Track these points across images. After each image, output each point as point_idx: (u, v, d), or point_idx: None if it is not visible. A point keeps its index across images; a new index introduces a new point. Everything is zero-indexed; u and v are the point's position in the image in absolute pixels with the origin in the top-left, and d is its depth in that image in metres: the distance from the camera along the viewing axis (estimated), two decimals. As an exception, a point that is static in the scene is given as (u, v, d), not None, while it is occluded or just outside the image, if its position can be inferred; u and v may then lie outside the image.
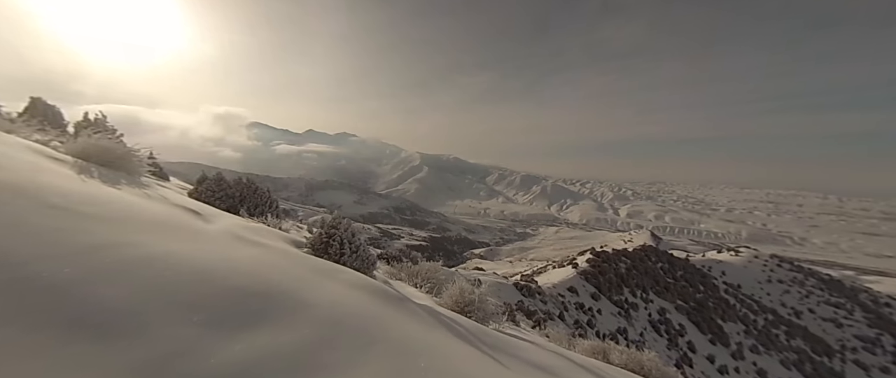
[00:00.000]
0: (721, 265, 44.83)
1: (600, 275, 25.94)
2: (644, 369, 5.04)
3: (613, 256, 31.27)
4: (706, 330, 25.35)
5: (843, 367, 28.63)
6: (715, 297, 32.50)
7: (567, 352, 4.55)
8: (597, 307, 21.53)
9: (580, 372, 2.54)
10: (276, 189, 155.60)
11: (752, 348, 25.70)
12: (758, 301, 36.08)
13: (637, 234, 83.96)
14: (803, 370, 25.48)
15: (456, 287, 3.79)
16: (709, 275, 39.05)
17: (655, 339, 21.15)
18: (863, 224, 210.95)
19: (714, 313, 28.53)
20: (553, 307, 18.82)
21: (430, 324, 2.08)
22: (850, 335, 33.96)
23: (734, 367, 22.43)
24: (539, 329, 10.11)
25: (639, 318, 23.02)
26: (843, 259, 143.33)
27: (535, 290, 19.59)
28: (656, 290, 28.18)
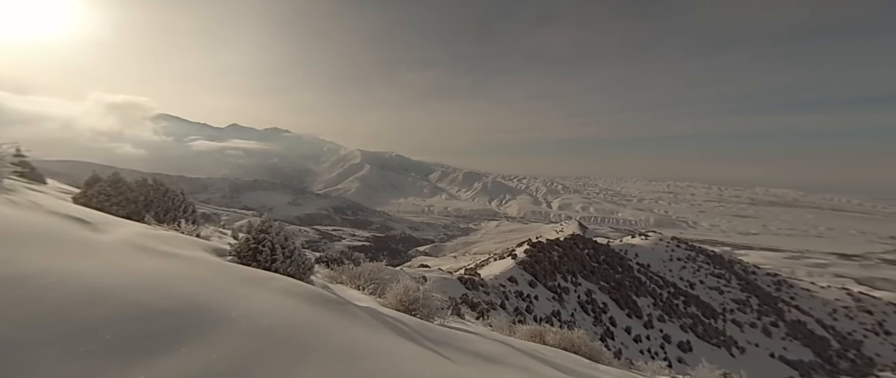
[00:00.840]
0: (634, 248, 51.24)
1: (536, 264, 27.87)
2: (574, 346, 5.55)
3: (547, 246, 33.81)
4: (624, 305, 28.83)
5: (725, 325, 34.91)
6: (630, 276, 37.11)
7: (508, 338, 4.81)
8: (534, 294, 23.13)
9: (519, 356, 2.71)
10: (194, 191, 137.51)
11: (660, 318, 29.95)
12: (663, 277, 42.09)
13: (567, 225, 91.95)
14: (697, 331, 30.47)
15: (400, 286, 3.76)
16: (625, 257, 44.39)
17: (584, 318, 23.45)
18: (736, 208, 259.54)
19: (630, 290, 32.56)
20: (495, 297, 19.75)
21: (372, 326, 2.03)
22: (728, 299, 41.50)
23: (646, 336, 25.93)
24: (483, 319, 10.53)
25: (570, 301, 25.29)
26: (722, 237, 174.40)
27: (478, 282, 20.33)
28: (584, 274, 31.20)
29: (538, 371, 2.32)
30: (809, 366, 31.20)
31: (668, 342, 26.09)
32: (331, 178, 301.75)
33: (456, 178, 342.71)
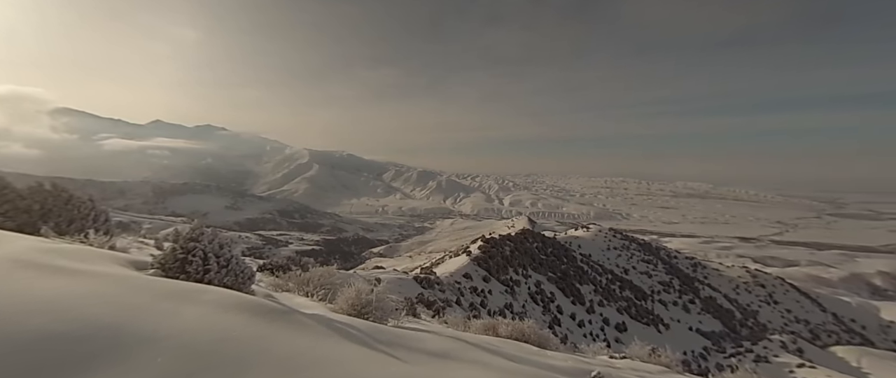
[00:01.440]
0: (577, 240, 55.16)
1: (490, 259, 28.77)
2: (525, 336, 5.84)
3: (500, 241, 35.06)
4: (569, 294, 30.96)
5: (653, 305, 39.13)
6: (574, 266, 39.93)
7: (462, 334, 4.91)
8: (488, 288, 23.86)
9: (472, 350, 2.78)
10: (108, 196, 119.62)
11: (600, 303, 32.67)
12: (602, 265, 45.93)
13: (518, 220, 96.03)
14: (630, 313, 33.77)
15: (352, 290, 3.64)
16: (570, 249, 47.63)
17: (534, 308, 24.74)
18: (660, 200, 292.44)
19: (574, 279, 35.04)
20: (451, 294, 20.02)
21: (320, 334, 1.94)
22: (655, 282, 46.54)
23: (588, 320, 28.13)
24: (438, 317, 10.61)
25: (521, 293, 26.51)
26: (650, 227, 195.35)
27: (433, 280, 20.44)
28: (533, 267, 32.89)
29: (489, 363, 2.40)
30: (719, 335, 36.22)
31: (607, 324, 28.56)
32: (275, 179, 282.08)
33: (410, 178, 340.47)
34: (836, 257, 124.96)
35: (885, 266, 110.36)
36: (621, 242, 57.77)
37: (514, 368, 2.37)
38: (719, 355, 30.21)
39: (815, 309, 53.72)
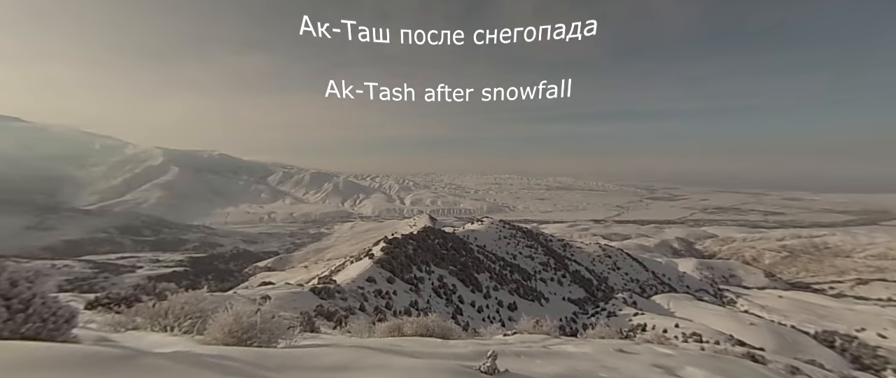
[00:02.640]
0: (474, 233, 59.62)
1: (393, 259, 28.58)
2: (429, 330, 6.00)
3: (402, 241, 35.18)
4: (469, 283, 33.25)
5: (536, 283, 45.34)
6: (472, 257, 43.08)
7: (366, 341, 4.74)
8: (393, 289, 23.66)
9: (375, 355, 2.71)
10: None
11: (494, 288, 36.09)
12: (495, 254, 50.81)
13: (419, 219, 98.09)
14: (519, 293, 38.38)
15: (229, 315, 3.09)
16: (468, 241, 51.13)
17: (438, 302, 25.70)
18: (538, 193, 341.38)
19: (472, 270, 37.79)
20: (354, 301, 19.11)
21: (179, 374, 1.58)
22: (537, 263, 53.98)
23: (486, 305, 30.78)
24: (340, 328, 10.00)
25: (425, 289, 27.18)
26: (531, 216, 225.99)
27: (334, 289, 19.15)
28: (436, 262, 34.12)
29: (391, 365, 2.38)
30: (583, 301, 44.38)
31: (502, 306, 31.79)
32: (111, 186, 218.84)
33: (302, 180, 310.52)
34: (651, 230, 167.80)
35: (679, 233, 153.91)
36: (510, 232, 64.91)
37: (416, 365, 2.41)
38: (584, 316, 37.05)
39: (642, 270, 70.96)
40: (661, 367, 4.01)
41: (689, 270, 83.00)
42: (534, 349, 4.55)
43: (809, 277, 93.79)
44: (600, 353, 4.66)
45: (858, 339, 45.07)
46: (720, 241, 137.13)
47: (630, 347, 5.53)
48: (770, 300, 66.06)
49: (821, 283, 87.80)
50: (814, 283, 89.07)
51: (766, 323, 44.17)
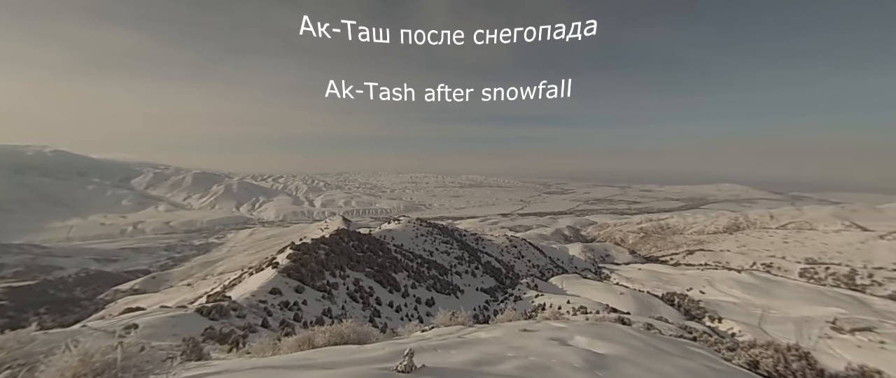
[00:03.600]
0: (391, 232, 58.92)
1: (302, 267, 26.28)
2: (344, 337, 5.72)
3: (313, 246, 32.63)
4: (386, 284, 32.72)
5: (452, 277, 47.22)
6: (389, 257, 42.51)
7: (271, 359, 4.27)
8: (302, 299, 21.76)
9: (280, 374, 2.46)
10: None
11: (412, 286, 36.31)
12: (412, 252, 51.12)
13: (332, 221, 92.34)
14: (437, 288, 39.42)
15: (72, 356, 2.41)
16: (384, 242, 50.25)
17: (354, 307, 24.63)
18: (452, 191, 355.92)
19: (390, 270, 37.30)
20: (255, 317, 16.94)
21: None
22: (453, 258, 56.24)
23: (404, 304, 30.74)
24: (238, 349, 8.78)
25: (339, 295, 25.75)
26: (446, 213, 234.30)
27: (228, 307, 16.65)
28: (351, 265, 32.62)
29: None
30: (494, 289, 48.03)
31: (420, 303, 32.20)
32: None
33: (182, 182, 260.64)
34: (547, 220, 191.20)
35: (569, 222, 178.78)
36: (426, 229, 66.09)
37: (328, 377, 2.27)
38: (495, 303, 40.11)
39: (542, 256, 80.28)
40: (556, 340, 4.62)
41: (577, 253, 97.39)
42: (450, 341, 4.74)
43: (657, 252, 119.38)
44: (508, 335, 5.13)
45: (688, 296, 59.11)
46: (599, 227, 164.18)
47: (532, 326, 6.21)
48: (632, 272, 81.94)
49: (664, 256, 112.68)
50: (660, 256, 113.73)
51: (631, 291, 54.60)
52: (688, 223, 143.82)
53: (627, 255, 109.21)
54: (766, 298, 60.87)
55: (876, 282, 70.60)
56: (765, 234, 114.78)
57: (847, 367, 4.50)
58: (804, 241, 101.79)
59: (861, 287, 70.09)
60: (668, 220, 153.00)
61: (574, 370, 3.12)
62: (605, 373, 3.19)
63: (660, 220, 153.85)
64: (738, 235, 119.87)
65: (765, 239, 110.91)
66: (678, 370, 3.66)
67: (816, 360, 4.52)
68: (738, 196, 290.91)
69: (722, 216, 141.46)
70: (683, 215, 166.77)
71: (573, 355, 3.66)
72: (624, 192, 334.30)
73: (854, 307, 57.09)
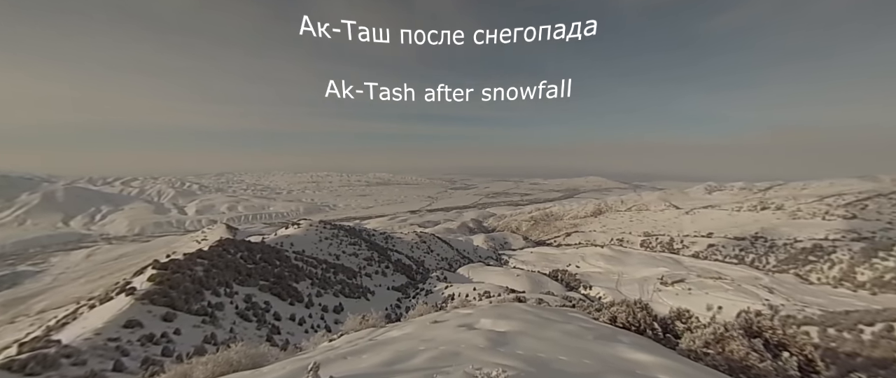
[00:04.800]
0: (290, 238, 53.44)
1: (172, 289, 21.70)
2: (233, 365, 4.96)
3: (186, 262, 27.26)
4: (286, 296, 29.58)
5: (362, 279, 45.56)
6: (289, 266, 38.51)
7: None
8: (173, 329, 17.96)
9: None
10: None
11: (317, 294, 33.71)
12: (316, 257, 47.41)
13: (212, 230, 78.54)
14: (345, 293, 37.48)
15: None
16: (282, 249, 45.29)
17: (245, 327, 21.54)
18: (359, 189, 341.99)
19: (290, 280, 33.84)
20: (102, 362, 13.22)
21: None
22: (361, 259, 54.28)
23: (309, 315, 28.31)
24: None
25: (226, 316, 22.18)
26: (353, 213, 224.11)
27: (57, 355, 12.59)
28: (239, 280, 28.40)
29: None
30: (406, 286, 48.26)
31: (326, 311, 30.14)
32: None
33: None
34: (454, 215, 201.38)
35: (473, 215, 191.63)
36: (331, 232, 62.12)
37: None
38: (407, 300, 40.36)
39: (449, 249, 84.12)
40: (464, 326, 4.92)
41: (481, 243, 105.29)
42: (360, 345, 4.59)
43: (544, 236, 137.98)
44: (419, 329, 5.23)
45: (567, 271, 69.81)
46: (498, 218, 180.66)
47: (442, 317, 6.48)
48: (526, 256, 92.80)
49: (550, 239, 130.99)
50: (547, 239, 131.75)
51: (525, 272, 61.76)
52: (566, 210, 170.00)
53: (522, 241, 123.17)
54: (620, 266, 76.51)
55: (685, 246, 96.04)
56: (618, 216, 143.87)
57: (669, 311, 6.02)
58: (642, 219, 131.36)
59: (677, 250, 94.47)
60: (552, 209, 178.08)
61: (480, 351, 3.38)
62: (506, 348, 3.55)
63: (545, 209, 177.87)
64: (601, 218, 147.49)
65: (618, 219, 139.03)
66: (561, 334, 4.32)
67: (652, 309, 5.92)
68: (600, 186, 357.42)
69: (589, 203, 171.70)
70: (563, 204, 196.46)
71: (479, 337, 3.96)
72: (517, 186, 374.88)
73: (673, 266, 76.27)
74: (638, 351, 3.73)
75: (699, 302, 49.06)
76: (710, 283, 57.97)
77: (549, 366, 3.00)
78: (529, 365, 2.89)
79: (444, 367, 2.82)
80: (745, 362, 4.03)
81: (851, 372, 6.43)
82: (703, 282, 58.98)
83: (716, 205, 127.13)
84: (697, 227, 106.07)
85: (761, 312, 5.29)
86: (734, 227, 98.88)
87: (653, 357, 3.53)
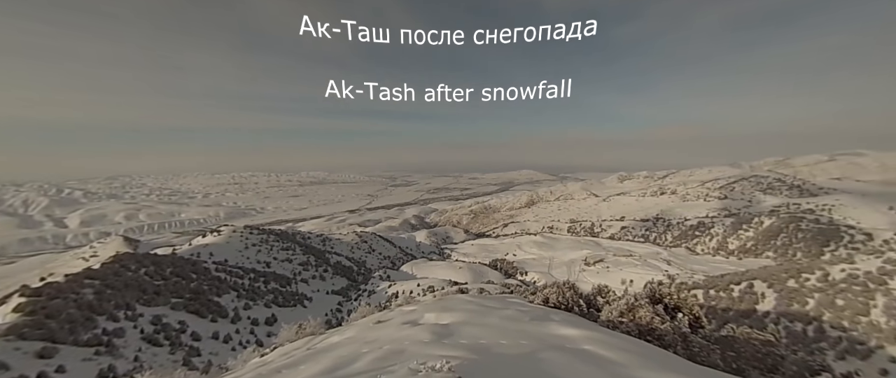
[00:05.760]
0: (208, 248, 47.56)
1: (50, 318, 17.81)
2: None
3: (69, 285, 22.58)
4: (206, 313, 26.31)
5: (297, 286, 42.54)
6: (208, 279, 34.24)
7: None
8: (54, 366, 14.75)
9: None
10: None
11: (245, 306, 30.62)
12: (242, 267, 42.94)
13: (105, 245, 66.21)
14: (278, 302, 34.65)
15: None
16: (199, 261, 40.09)
17: (155, 353, 18.67)
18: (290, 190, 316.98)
19: (210, 294, 30.15)
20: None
21: None
22: (296, 265, 50.65)
23: (235, 331, 25.58)
24: None
25: (128, 343, 18.95)
26: (284, 216, 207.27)
27: None
28: (144, 300, 24.45)
29: None
30: (347, 289, 46.39)
31: (257, 324, 27.57)
32: None
33: None
34: (395, 212, 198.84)
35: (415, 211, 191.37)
36: (259, 237, 56.85)
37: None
38: (349, 303, 38.85)
39: (392, 247, 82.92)
40: (408, 323, 4.90)
41: (423, 239, 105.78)
42: (297, 356, 4.29)
43: (484, 228, 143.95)
44: (362, 332, 5.07)
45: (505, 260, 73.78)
46: (439, 213, 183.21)
47: (386, 316, 6.37)
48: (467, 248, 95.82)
49: (489, 231, 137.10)
50: (486, 231, 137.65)
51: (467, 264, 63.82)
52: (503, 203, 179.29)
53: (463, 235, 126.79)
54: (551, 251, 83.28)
55: (603, 229, 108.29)
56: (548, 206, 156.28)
57: (592, 288, 6.75)
58: (569, 207, 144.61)
59: (597, 234, 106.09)
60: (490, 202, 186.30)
61: (424, 345, 3.40)
62: (450, 339, 3.63)
63: (484, 203, 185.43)
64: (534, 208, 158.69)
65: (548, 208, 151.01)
66: (501, 319, 4.57)
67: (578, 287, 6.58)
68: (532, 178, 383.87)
69: (523, 195, 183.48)
70: (500, 196, 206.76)
71: (423, 332, 3.99)
72: (457, 181, 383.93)
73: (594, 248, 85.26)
74: (567, 326, 4.11)
75: (616, 278, 55.91)
76: (623, 261, 66.42)
77: (491, 351, 3.15)
78: (472, 353, 2.99)
79: (389, 366, 2.78)
80: (651, 325, 4.71)
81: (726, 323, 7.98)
82: (618, 260, 67.30)
83: (626, 192, 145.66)
84: (613, 212, 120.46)
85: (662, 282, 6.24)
86: (640, 211, 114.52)
87: (579, 331, 3.92)
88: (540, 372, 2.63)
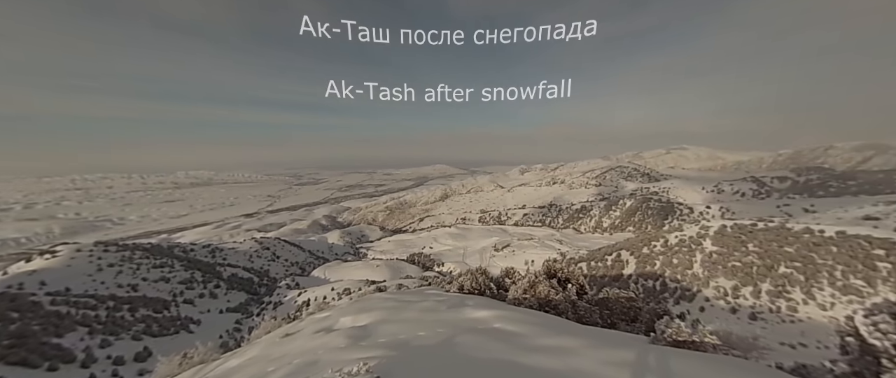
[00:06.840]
0: (37, 275, 36.31)
1: None
2: None
3: None
4: (40, 361, 20.05)
5: (179, 309, 35.64)
6: (41, 315, 26.12)
7: None
8: None
9: None
10: None
11: (102, 343, 24.34)
12: (94, 295, 33.94)
13: None
14: (152, 332, 28.49)
15: None
16: (22, 293, 30.31)
17: (-51, 430, 13.45)
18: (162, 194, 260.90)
19: (44, 336, 23.09)
20: None
21: None
22: (176, 283, 42.39)
23: (90, 375, 20.16)
24: None
25: None
26: (156, 226, 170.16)
27: None
28: (-76, 360, 17.32)
29: None
30: (246, 304, 40.90)
31: (122, 363, 22.25)
32: None
33: None
34: (302, 213, 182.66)
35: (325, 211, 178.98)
36: (118, 255, 45.86)
37: None
38: (249, 320, 34.34)
39: (300, 251, 76.13)
40: (322, 330, 4.60)
41: (336, 240, 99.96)
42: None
43: (400, 224, 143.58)
44: (267, 349, 4.57)
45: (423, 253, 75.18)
46: (353, 211, 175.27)
47: (295, 327, 5.85)
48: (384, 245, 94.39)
49: (405, 226, 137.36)
50: (403, 227, 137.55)
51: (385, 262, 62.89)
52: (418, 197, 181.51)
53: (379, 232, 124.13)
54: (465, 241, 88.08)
55: (508, 217, 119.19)
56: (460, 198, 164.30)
57: (500, 271, 7.40)
58: (479, 199, 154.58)
59: (504, 222, 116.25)
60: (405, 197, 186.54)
61: (340, 351, 3.25)
62: (368, 340, 3.55)
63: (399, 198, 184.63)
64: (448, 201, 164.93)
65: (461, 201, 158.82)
66: (420, 312, 4.65)
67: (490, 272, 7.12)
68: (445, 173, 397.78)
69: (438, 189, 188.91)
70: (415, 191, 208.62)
71: (339, 338, 3.80)
72: (371, 177, 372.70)
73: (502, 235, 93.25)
74: (480, 309, 4.43)
75: (520, 259, 62.32)
76: (526, 244, 74.45)
77: (410, 345, 3.19)
78: (391, 350, 2.98)
79: (301, 380, 2.57)
80: (548, 298, 5.42)
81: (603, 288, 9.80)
82: (521, 243, 75.11)
83: (527, 183, 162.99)
84: (516, 202, 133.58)
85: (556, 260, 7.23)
86: (538, 199, 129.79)
87: (490, 312, 4.26)
88: (455, 356, 2.78)
